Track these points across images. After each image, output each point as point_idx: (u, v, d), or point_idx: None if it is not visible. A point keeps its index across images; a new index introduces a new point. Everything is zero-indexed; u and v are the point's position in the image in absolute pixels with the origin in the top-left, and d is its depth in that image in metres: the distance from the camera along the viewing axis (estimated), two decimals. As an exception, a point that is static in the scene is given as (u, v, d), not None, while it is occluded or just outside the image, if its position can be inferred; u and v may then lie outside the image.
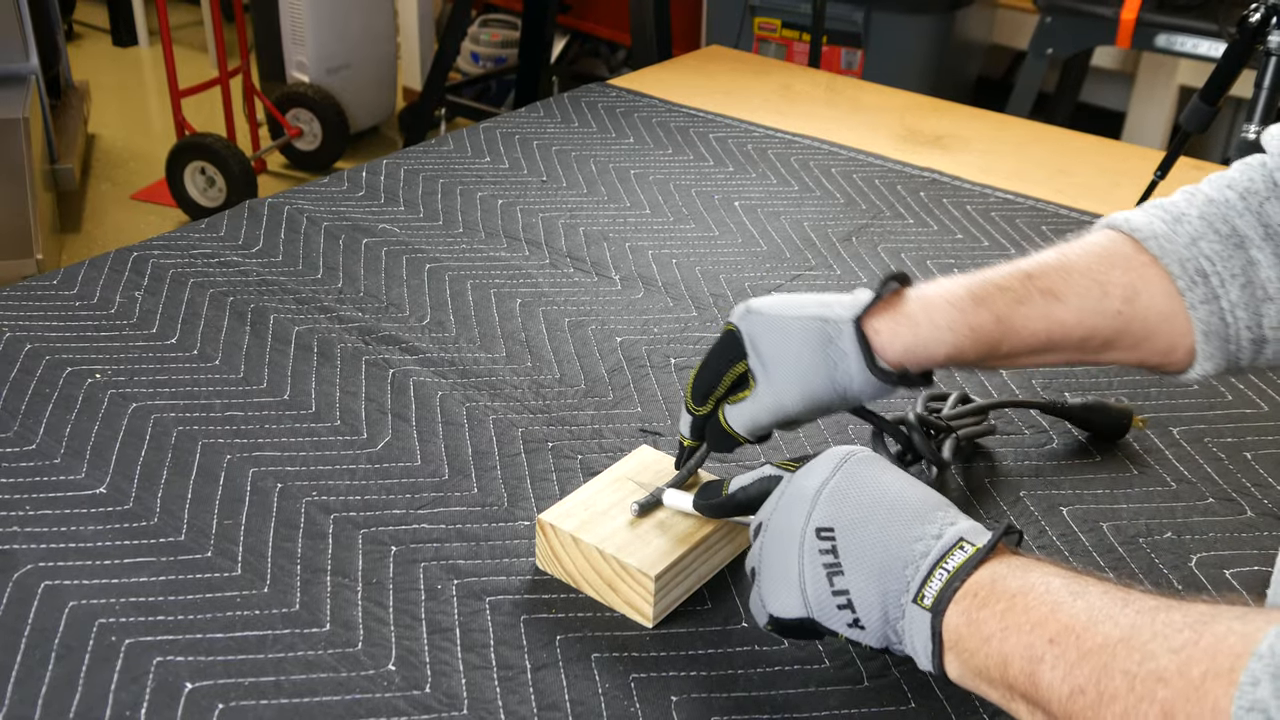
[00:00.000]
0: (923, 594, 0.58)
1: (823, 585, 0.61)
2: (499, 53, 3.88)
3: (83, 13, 4.71)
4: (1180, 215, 0.74)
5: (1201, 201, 0.74)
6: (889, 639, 0.61)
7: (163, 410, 0.91)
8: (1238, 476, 0.90)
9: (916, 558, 0.59)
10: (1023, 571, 0.56)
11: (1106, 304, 0.72)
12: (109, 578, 0.74)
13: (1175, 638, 0.48)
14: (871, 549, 0.60)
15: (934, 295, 0.73)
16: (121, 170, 3.51)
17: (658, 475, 0.80)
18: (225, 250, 1.16)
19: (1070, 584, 0.54)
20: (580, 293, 1.13)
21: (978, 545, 0.58)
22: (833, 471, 0.64)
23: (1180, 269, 0.71)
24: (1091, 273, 0.73)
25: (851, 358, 0.72)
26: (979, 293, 0.72)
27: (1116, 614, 0.51)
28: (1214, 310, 0.71)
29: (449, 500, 0.83)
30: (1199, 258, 0.72)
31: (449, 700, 0.67)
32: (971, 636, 0.56)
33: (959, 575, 0.57)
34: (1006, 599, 0.55)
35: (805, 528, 0.62)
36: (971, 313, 0.72)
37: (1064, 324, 0.72)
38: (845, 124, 1.61)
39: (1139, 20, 2.67)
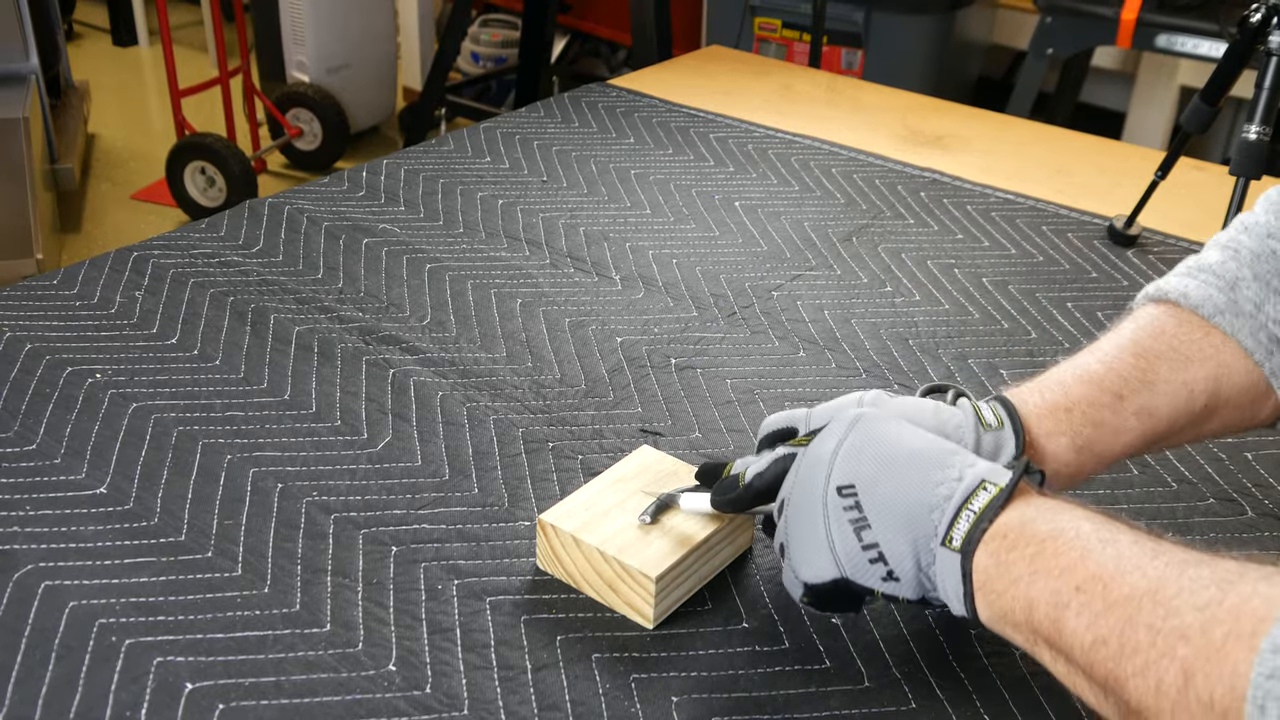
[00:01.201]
0: (950, 536, 0.58)
1: (852, 541, 0.62)
2: (499, 53, 3.88)
3: (83, 13, 4.71)
4: (1235, 280, 0.73)
5: (1249, 259, 0.74)
6: (924, 586, 0.61)
7: (163, 410, 0.91)
8: (1238, 476, 0.90)
9: (941, 501, 0.59)
10: (1053, 514, 0.56)
11: (1194, 403, 0.72)
12: (109, 578, 0.74)
13: (1201, 594, 0.48)
14: (895, 498, 0.61)
15: (1042, 450, 0.70)
16: (121, 170, 3.51)
17: (658, 476, 0.80)
18: (225, 250, 1.16)
19: (1100, 530, 0.54)
20: (580, 293, 1.13)
21: (1000, 485, 0.59)
22: (846, 432, 0.64)
23: (1254, 342, 0.72)
24: (1175, 377, 0.72)
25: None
26: (1080, 441, 0.71)
27: (1145, 565, 0.51)
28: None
29: (449, 500, 0.83)
30: (1269, 324, 0.72)
31: (449, 700, 0.67)
32: (1000, 578, 0.56)
33: (986, 515, 0.57)
34: (1036, 543, 0.55)
35: (826, 488, 0.63)
36: (1074, 462, 0.71)
37: (1158, 434, 0.73)
38: (845, 124, 1.61)
39: (1139, 20, 2.67)
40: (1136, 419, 0.71)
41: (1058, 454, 0.71)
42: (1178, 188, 1.38)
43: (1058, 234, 1.30)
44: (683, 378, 1.00)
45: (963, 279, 1.19)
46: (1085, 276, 1.21)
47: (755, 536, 0.80)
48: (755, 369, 1.02)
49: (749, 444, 0.91)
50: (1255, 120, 1.14)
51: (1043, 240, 1.29)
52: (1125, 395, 0.71)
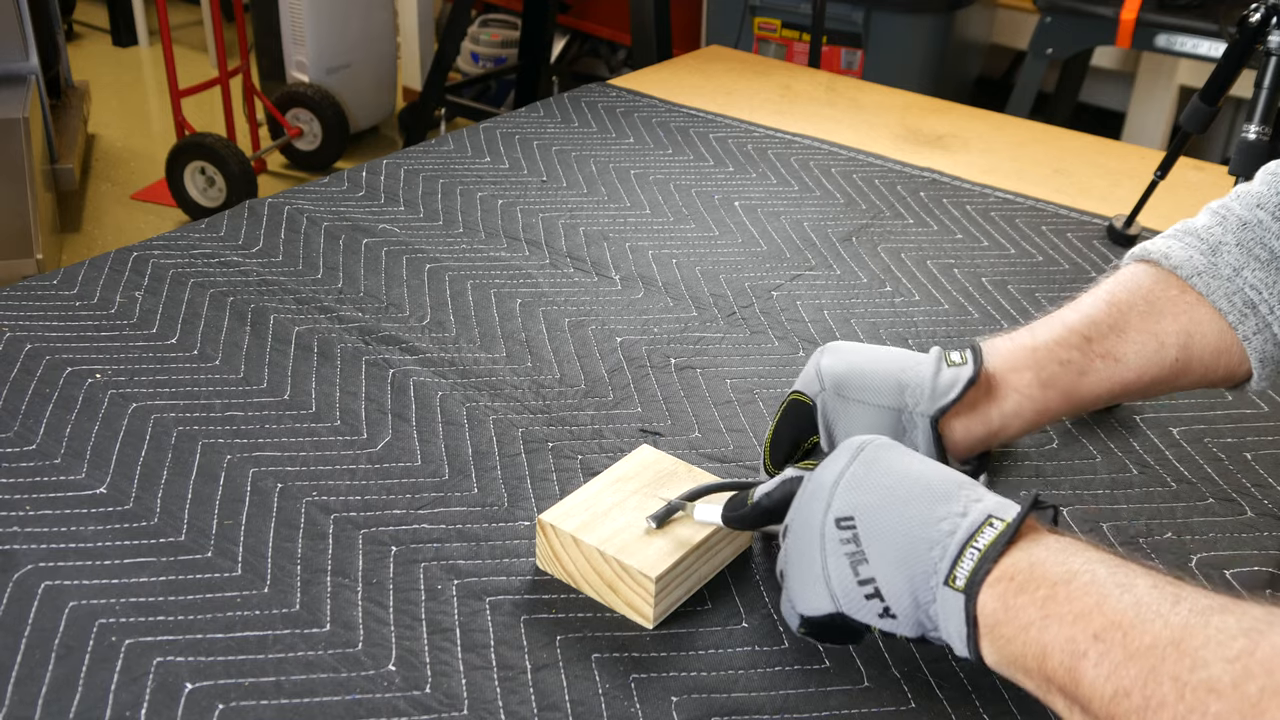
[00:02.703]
0: (954, 575, 0.56)
1: (847, 576, 0.60)
2: (499, 53, 3.88)
3: (83, 13, 4.72)
4: (1218, 244, 0.74)
5: (1235, 226, 0.74)
6: (923, 625, 0.59)
7: (163, 410, 0.91)
8: (1238, 476, 0.90)
9: (943, 538, 0.57)
10: (1064, 556, 0.54)
11: (1164, 355, 0.73)
12: (109, 578, 0.74)
13: (1230, 645, 0.46)
14: (893, 533, 0.59)
15: (1004, 384, 0.74)
16: (121, 170, 3.51)
17: (658, 476, 0.80)
18: (225, 250, 1.16)
19: (1117, 574, 0.52)
20: (580, 293, 1.13)
21: (1007, 520, 0.56)
22: (850, 460, 0.63)
23: (1229, 304, 0.72)
24: (1146, 326, 0.73)
25: (922, 451, 0.73)
26: (1045, 374, 0.73)
27: (1167, 612, 0.49)
28: (1267, 338, 0.73)
29: (449, 500, 0.83)
30: (1245, 289, 0.73)
31: (449, 700, 0.67)
32: (1009, 623, 0.54)
33: (990, 554, 0.55)
34: (1048, 586, 0.53)
35: (824, 519, 0.61)
36: (1040, 398, 0.73)
37: (1125, 382, 0.74)
38: (845, 124, 1.61)
39: (1139, 20, 2.67)
40: (1103, 361, 0.73)
41: (1021, 387, 0.73)
42: (1177, 188, 1.38)
43: (1057, 234, 1.30)
44: (682, 378, 1.00)
45: (962, 279, 1.19)
46: (1085, 276, 1.21)
47: (755, 536, 0.80)
48: (755, 369, 1.02)
49: (749, 444, 0.91)
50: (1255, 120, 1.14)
51: (1042, 240, 1.29)
52: (1093, 338, 0.73)
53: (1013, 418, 0.74)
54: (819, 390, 0.76)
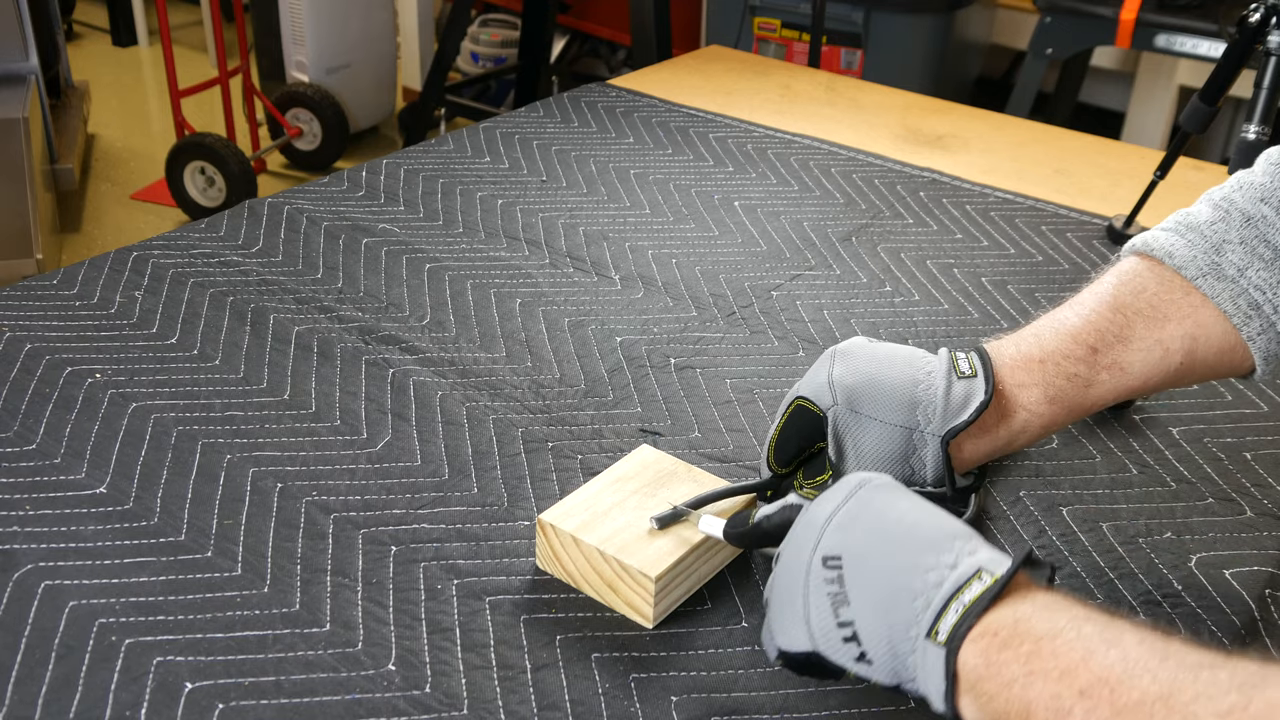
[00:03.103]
0: (936, 629, 0.54)
1: (827, 617, 0.58)
2: (499, 53, 3.88)
3: (82, 12, 4.72)
4: (1221, 243, 0.73)
5: (1239, 222, 0.74)
6: (899, 675, 0.57)
7: (163, 410, 0.91)
8: (1238, 476, 0.90)
9: (928, 589, 0.56)
10: (1050, 612, 0.53)
11: (1169, 361, 0.73)
12: (109, 578, 0.74)
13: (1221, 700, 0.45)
14: (878, 578, 0.57)
15: (1012, 400, 0.73)
16: (121, 170, 3.51)
17: (658, 476, 0.80)
18: (225, 250, 1.16)
19: (1104, 631, 0.51)
20: (580, 293, 1.13)
21: (996, 575, 0.55)
22: (845, 498, 0.61)
23: (1233, 306, 0.72)
24: (1151, 333, 0.73)
25: (931, 469, 0.74)
26: (1052, 391, 0.73)
27: (1155, 668, 0.48)
28: (1271, 338, 0.73)
29: (449, 500, 0.83)
30: (1249, 289, 0.72)
31: (449, 700, 0.67)
32: (991, 679, 0.52)
33: (975, 609, 0.54)
34: (1032, 641, 0.52)
35: (812, 556, 0.60)
36: (1047, 413, 0.73)
37: (1130, 389, 0.74)
38: (845, 124, 1.61)
39: (1139, 20, 2.67)
40: (1109, 373, 0.73)
41: (1029, 404, 0.73)
42: (1177, 188, 1.39)
43: (1057, 234, 1.30)
44: (682, 377, 1.00)
45: (962, 279, 1.19)
46: (1085, 276, 1.21)
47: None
48: (755, 369, 1.02)
49: (749, 444, 0.91)
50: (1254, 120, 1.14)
51: (1042, 240, 1.29)
52: (1099, 349, 0.73)
53: (1019, 434, 0.74)
54: (831, 404, 0.75)
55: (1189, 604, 0.77)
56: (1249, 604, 0.77)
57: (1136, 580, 0.79)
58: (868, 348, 0.78)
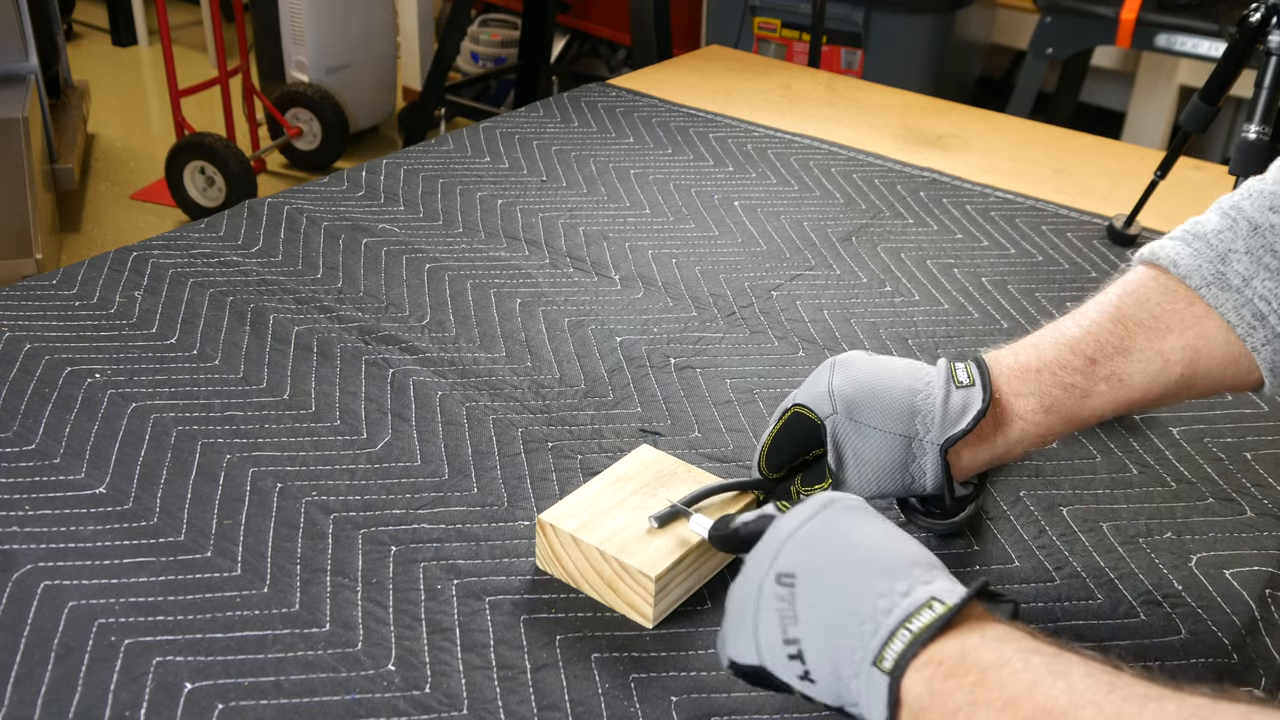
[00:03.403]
0: (883, 655, 0.53)
1: (775, 632, 0.58)
2: (499, 52, 3.88)
3: (82, 12, 4.72)
4: (1227, 252, 0.72)
5: (1246, 231, 0.73)
6: (842, 698, 0.56)
7: (162, 410, 0.91)
8: (1238, 476, 0.90)
9: (877, 614, 0.55)
10: (999, 644, 0.52)
11: (1169, 373, 0.72)
12: (109, 578, 0.74)
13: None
14: (829, 599, 0.57)
15: (1008, 410, 0.73)
16: (121, 170, 3.51)
17: (658, 475, 0.80)
18: (225, 250, 1.16)
19: (1051, 662, 0.50)
20: (580, 293, 1.13)
21: (949, 605, 0.54)
22: (808, 518, 0.61)
23: (1237, 317, 0.71)
24: (1151, 344, 0.72)
25: (930, 478, 0.74)
26: (1048, 401, 0.73)
27: (1100, 700, 0.47)
28: (1277, 349, 0.71)
29: (449, 500, 0.83)
30: (1254, 300, 0.71)
31: (449, 700, 0.67)
32: (934, 709, 0.51)
33: (922, 637, 0.53)
34: (978, 672, 0.51)
35: (768, 571, 0.60)
36: (1043, 423, 0.73)
37: (1129, 401, 0.73)
38: (845, 124, 1.61)
39: (1139, 20, 2.67)
40: (1107, 384, 0.72)
41: (1025, 414, 0.73)
42: (1177, 187, 1.38)
43: (1057, 234, 1.30)
44: (682, 377, 1.00)
45: (962, 279, 1.19)
46: (1085, 276, 1.21)
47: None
48: (755, 369, 1.02)
49: (749, 444, 0.91)
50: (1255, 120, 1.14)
51: (1042, 240, 1.29)
52: (1098, 360, 0.72)
53: (1016, 443, 0.74)
54: (830, 413, 0.75)
55: (1189, 604, 0.77)
56: (1249, 604, 0.77)
57: (1137, 580, 0.79)
58: (867, 360, 0.78)
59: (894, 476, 0.75)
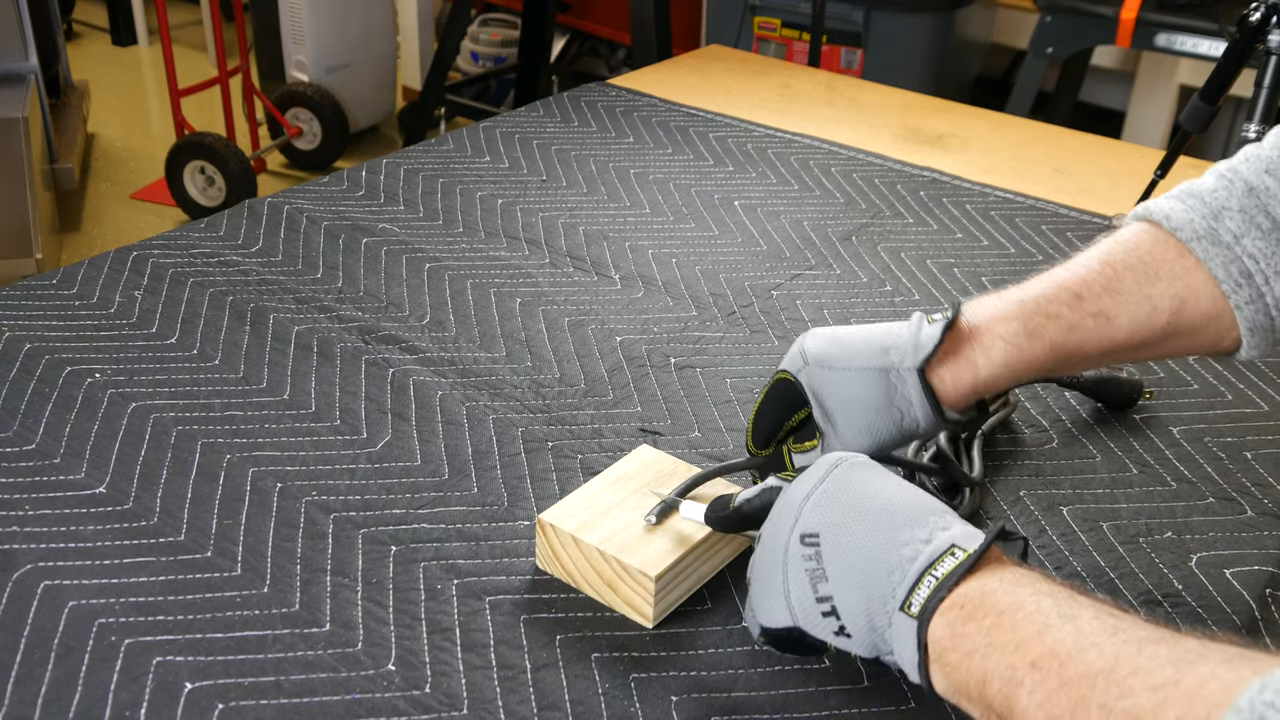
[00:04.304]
0: (910, 601, 0.56)
1: (806, 592, 0.60)
2: (499, 52, 3.88)
3: (82, 12, 4.72)
4: (1220, 210, 0.73)
5: (1241, 191, 0.73)
6: (878, 648, 0.59)
7: (162, 410, 0.91)
8: (1238, 476, 0.90)
9: (903, 563, 0.58)
10: (1015, 586, 0.55)
11: (1155, 319, 0.73)
12: (109, 578, 0.74)
13: (1157, 675, 0.46)
14: (855, 554, 0.59)
15: (989, 332, 0.73)
16: (121, 170, 3.51)
17: (658, 475, 0.80)
18: (225, 250, 1.16)
19: (1062, 605, 0.53)
20: (580, 292, 1.13)
21: (969, 551, 0.57)
22: (822, 478, 0.63)
23: (1225, 273, 0.72)
24: (1140, 289, 0.73)
25: (917, 406, 0.73)
26: (1032, 325, 0.73)
27: (1103, 642, 0.49)
28: (1259, 309, 0.72)
29: (449, 500, 0.83)
30: (1243, 258, 0.72)
31: (449, 700, 0.67)
32: (955, 650, 0.54)
33: (946, 583, 0.56)
34: (995, 615, 0.54)
35: (790, 534, 0.61)
36: (1027, 348, 0.73)
37: (1115, 342, 0.73)
38: (845, 123, 1.61)
39: (1139, 19, 2.67)
40: (1094, 321, 0.73)
41: (1008, 335, 0.72)
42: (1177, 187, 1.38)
43: (1057, 233, 1.30)
44: (682, 377, 1.00)
45: (962, 278, 1.19)
46: (1085, 276, 1.21)
47: (756, 536, 0.80)
48: (755, 368, 1.02)
49: (748, 443, 0.91)
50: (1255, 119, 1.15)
51: (1042, 239, 1.29)
52: (1085, 297, 0.73)
53: (1000, 366, 0.73)
54: (802, 366, 0.76)
55: (1189, 603, 0.77)
56: (1249, 603, 0.77)
57: (1137, 580, 0.79)
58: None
59: (882, 415, 0.74)
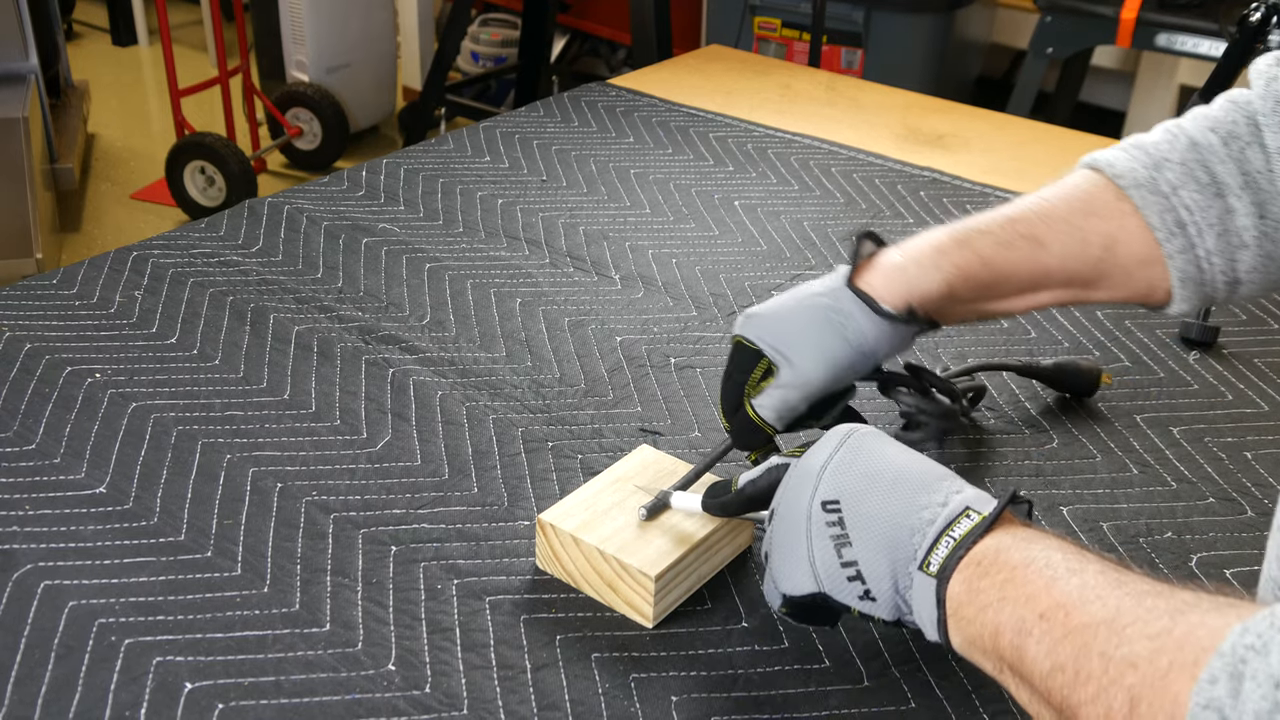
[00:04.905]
0: (929, 561, 0.58)
1: (831, 557, 0.61)
2: (499, 52, 3.88)
3: (82, 12, 4.72)
4: (1161, 161, 0.76)
5: (1184, 145, 0.76)
6: (900, 609, 0.61)
7: (162, 410, 0.91)
8: (1238, 476, 0.90)
9: (923, 525, 0.59)
10: (1026, 544, 0.56)
11: (1087, 251, 0.76)
12: (109, 578, 0.74)
13: (1154, 624, 0.48)
14: (878, 518, 0.61)
15: (916, 243, 0.77)
16: (121, 170, 3.51)
17: (658, 475, 0.80)
18: (225, 250, 1.16)
19: (1070, 560, 0.54)
20: (580, 292, 1.13)
21: (984, 513, 0.59)
22: (836, 447, 0.64)
23: (1159, 221, 0.74)
24: (1073, 220, 0.76)
25: (857, 314, 0.76)
26: (960, 236, 0.76)
27: (1106, 594, 0.51)
28: (1190, 259, 0.75)
29: (449, 500, 0.83)
30: (1178, 208, 0.74)
31: (449, 700, 0.67)
32: (970, 604, 0.56)
33: (964, 543, 0.57)
34: (1008, 570, 0.55)
35: (811, 502, 0.63)
36: (955, 253, 0.76)
37: (1047, 267, 0.76)
38: (845, 123, 1.61)
39: (1139, 20, 2.67)
40: (1025, 241, 0.76)
41: (939, 243, 0.76)
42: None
43: (1057, 233, 1.30)
44: (682, 377, 1.00)
45: (962, 278, 1.19)
46: (1085, 276, 1.21)
47: (755, 535, 0.80)
48: (755, 368, 1.01)
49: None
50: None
51: (1042, 240, 1.28)
52: (1017, 220, 0.76)
53: (932, 269, 0.76)
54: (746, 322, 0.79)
55: (1189, 604, 0.77)
56: (1243, 597, 0.77)
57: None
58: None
59: (826, 332, 0.76)
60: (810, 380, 0.76)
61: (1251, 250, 0.74)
